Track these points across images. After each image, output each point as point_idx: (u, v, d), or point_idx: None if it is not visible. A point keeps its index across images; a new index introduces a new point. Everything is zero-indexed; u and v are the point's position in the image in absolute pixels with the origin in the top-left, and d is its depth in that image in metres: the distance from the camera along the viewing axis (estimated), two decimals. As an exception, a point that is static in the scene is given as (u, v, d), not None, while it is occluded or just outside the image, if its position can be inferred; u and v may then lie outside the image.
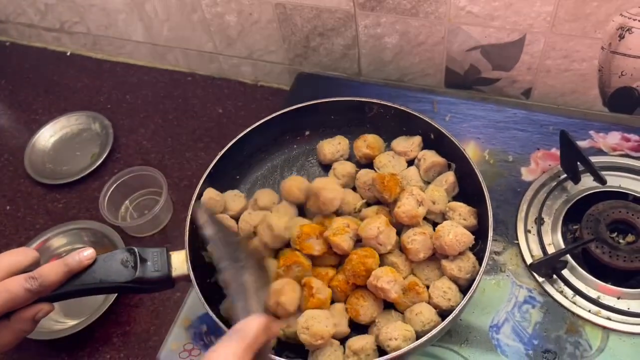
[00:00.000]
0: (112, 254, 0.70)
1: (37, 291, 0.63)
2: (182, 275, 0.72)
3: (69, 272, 0.66)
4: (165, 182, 1.02)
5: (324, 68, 1.13)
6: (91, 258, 0.67)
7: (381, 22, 0.99)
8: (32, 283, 0.62)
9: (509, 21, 0.91)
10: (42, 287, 0.63)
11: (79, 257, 0.66)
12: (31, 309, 0.64)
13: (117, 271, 0.68)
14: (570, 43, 0.91)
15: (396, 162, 0.83)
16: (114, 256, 0.69)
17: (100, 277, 0.67)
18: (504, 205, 0.87)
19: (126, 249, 0.70)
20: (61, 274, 0.65)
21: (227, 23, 1.11)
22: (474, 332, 0.77)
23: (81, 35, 1.29)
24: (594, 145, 0.92)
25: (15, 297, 0.62)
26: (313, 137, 0.89)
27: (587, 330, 0.76)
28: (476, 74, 1.02)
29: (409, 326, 0.70)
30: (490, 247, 0.70)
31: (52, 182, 1.11)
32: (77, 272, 0.66)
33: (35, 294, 0.63)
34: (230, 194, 0.85)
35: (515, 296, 0.79)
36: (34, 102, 1.27)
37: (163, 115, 1.20)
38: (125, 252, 0.70)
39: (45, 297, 0.65)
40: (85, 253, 0.67)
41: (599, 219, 0.81)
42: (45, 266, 0.65)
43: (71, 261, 0.66)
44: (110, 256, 0.69)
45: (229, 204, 0.84)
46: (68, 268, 0.65)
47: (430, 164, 0.81)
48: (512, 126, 0.95)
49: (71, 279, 0.66)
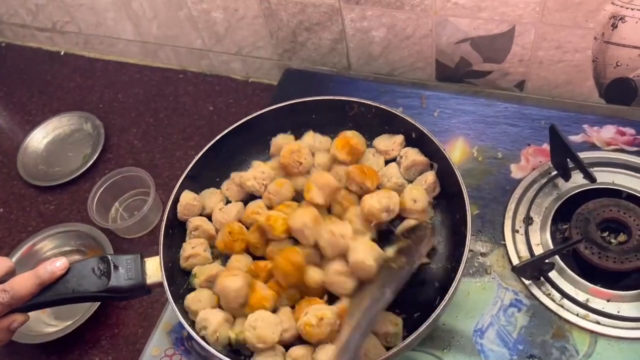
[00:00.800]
0: (85, 262, 0.69)
1: (8, 304, 0.63)
2: (156, 282, 0.71)
3: (41, 283, 0.65)
4: (153, 182, 1.01)
5: (313, 63, 1.11)
6: (63, 269, 0.67)
7: (367, 16, 0.96)
8: (3, 296, 0.63)
9: (497, 12, 0.87)
10: (13, 299, 0.63)
11: (50, 267, 0.66)
12: (5, 319, 0.65)
13: (89, 280, 0.68)
14: (562, 33, 0.87)
15: (376, 160, 0.81)
16: (87, 265, 0.69)
17: (73, 287, 0.67)
18: (491, 205, 0.84)
19: (99, 257, 0.70)
20: (33, 286, 0.65)
21: (214, 19, 1.09)
22: (457, 336, 0.75)
23: (73, 34, 1.28)
24: (588, 140, 0.88)
25: None
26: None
27: (575, 334, 0.73)
28: (467, 67, 0.99)
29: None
30: (467, 252, 0.67)
31: (44, 184, 1.12)
32: (50, 282, 0.66)
33: (7, 307, 0.63)
34: (207, 192, 0.84)
35: (500, 299, 0.77)
36: (28, 103, 1.27)
37: (154, 114, 1.19)
38: (98, 260, 0.69)
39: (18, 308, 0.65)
40: (57, 264, 0.67)
41: (588, 218, 0.78)
42: (16, 278, 0.65)
43: (43, 272, 0.66)
44: (83, 265, 0.69)
45: (206, 202, 0.83)
46: (40, 280, 0.65)
47: (412, 162, 0.79)
48: (502, 121, 0.92)
49: (44, 289, 0.66)
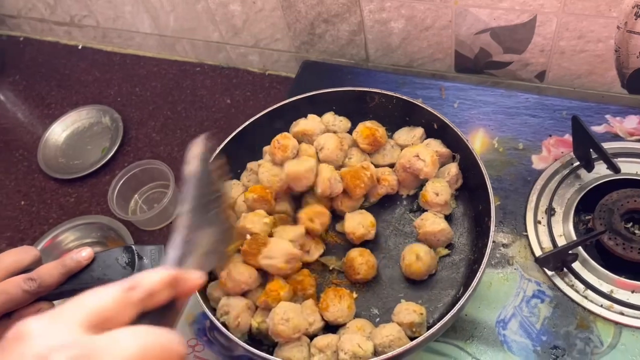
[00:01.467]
0: (110, 252, 0.70)
1: (35, 292, 0.64)
2: None
3: (67, 272, 0.66)
4: (172, 175, 1.01)
5: (331, 55, 1.10)
6: (89, 258, 0.67)
7: (386, 7, 0.95)
8: (30, 285, 0.63)
9: (519, 2, 0.86)
10: (40, 288, 0.64)
11: (76, 257, 0.67)
12: (31, 308, 0.65)
13: (114, 270, 0.68)
14: (584, 23, 0.86)
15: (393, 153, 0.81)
16: (111, 255, 0.69)
17: (97, 276, 0.67)
18: (513, 196, 0.84)
19: (124, 247, 0.70)
20: (59, 275, 0.65)
21: (232, 12, 1.09)
22: (480, 327, 0.75)
23: (91, 28, 1.29)
24: (610, 130, 0.87)
25: (13, 299, 0.63)
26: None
27: (599, 325, 0.73)
28: (487, 58, 0.98)
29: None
30: (490, 243, 0.67)
31: (65, 176, 1.13)
32: (76, 272, 0.67)
33: (34, 295, 0.64)
34: (228, 184, 0.84)
35: (523, 290, 0.77)
36: (47, 97, 1.28)
37: (172, 107, 1.19)
38: (122, 250, 0.70)
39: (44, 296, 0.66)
40: (83, 253, 0.67)
41: (612, 209, 0.77)
42: (43, 267, 0.65)
43: (69, 262, 0.66)
44: (107, 255, 0.69)
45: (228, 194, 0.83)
46: (66, 269, 0.66)
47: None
48: (523, 112, 0.92)
49: (70, 278, 0.67)
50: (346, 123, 0.85)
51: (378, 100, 0.83)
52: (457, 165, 0.78)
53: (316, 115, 0.84)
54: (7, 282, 0.62)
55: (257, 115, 0.84)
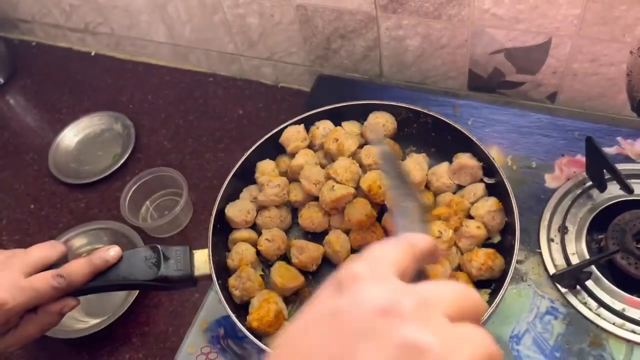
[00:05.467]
0: (136, 251, 0.70)
1: (63, 289, 0.64)
2: (204, 274, 0.72)
3: (95, 271, 0.67)
4: (185, 183, 1.02)
5: (344, 70, 1.12)
6: (117, 257, 0.68)
7: (403, 25, 0.97)
8: (60, 282, 0.64)
9: (535, 24, 0.89)
10: (68, 286, 0.65)
11: (104, 255, 0.67)
12: (58, 303, 0.66)
13: (140, 269, 0.69)
14: (598, 47, 0.88)
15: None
16: (138, 254, 0.70)
17: (123, 274, 0.68)
18: (526, 213, 0.85)
19: (150, 246, 0.71)
20: (87, 273, 0.66)
21: (249, 25, 1.10)
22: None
23: (105, 35, 1.30)
24: (621, 152, 0.89)
25: (42, 295, 0.63)
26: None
27: (611, 343, 0.74)
28: (500, 77, 1.00)
29: None
30: (515, 259, 0.68)
31: (75, 181, 1.13)
32: (103, 270, 0.67)
33: (61, 292, 0.65)
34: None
35: (537, 306, 0.78)
36: (58, 102, 1.29)
37: (184, 115, 1.20)
38: (149, 249, 0.70)
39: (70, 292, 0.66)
40: (111, 252, 0.68)
41: (625, 229, 0.79)
42: (72, 264, 0.66)
43: (97, 260, 0.67)
44: (134, 254, 0.70)
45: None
46: (94, 267, 0.67)
47: (457, 165, 0.80)
48: (536, 131, 0.93)
49: (96, 275, 0.67)
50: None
51: (405, 115, 0.84)
52: (484, 186, 0.79)
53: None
54: (36, 278, 0.63)
55: (290, 120, 0.87)
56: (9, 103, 1.32)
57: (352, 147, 0.82)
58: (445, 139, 0.83)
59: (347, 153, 0.82)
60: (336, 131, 0.83)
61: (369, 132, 0.81)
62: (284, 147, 0.87)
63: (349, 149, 0.81)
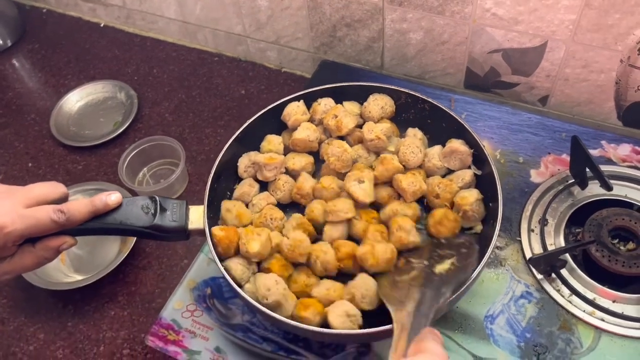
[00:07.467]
0: (135, 199, 0.73)
1: (62, 224, 0.66)
2: (197, 229, 0.75)
3: (94, 212, 0.69)
4: (184, 153, 1.05)
5: (347, 59, 1.16)
6: (117, 202, 0.71)
7: (407, 18, 1.01)
8: (59, 216, 0.66)
9: (533, 26, 0.93)
10: (68, 221, 0.67)
11: (105, 199, 0.70)
12: (57, 239, 0.68)
13: (137, 216, 0.71)
14: (590, 53, 0.93)
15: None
16: (136, 201, 0.72)
17: (120, 219, 0.70)
18: (510, 204, 0.89)
19: (148, 196, 0.73)
20: (87, 213, 0.68)
21: (259, 7, 1.14)
22: (469, 320, 0.79)
23: (116, 8, 1.33)
24: (604, 155, 0.93)
25: (40, 225, 0.65)
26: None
27: (580, 328, 0.77)
28: (496, 77, 1.04)
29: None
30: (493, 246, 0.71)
31: (74, 144, 1.15)
32: (102, 213, 0.70)
33: (60, 226, 0.66)
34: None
35: (512, 290, 0.81)
36: (64, 68, 1.31)
37: (187, 91, 1.23)
38: (147, 199, 0.73)
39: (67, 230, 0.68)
40: (112, 197, 0.70)
41: (601, 223, 0.83)
42: (73, 202, 0.68)
43: (98, 202, 0.69)
44: (132, 201, 0.72)
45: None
46: (94, 209, 0.69)
47: (449, 149, 0.83)
48: (525, 129, 0.97)
49: (95, 217, 0.70)
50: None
51: (404, 100, 0.88)
52: (472, 174, 0.82)
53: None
54: (38, 208, 0.65)
55: (295, 93, 0.90)
56: (15, 65, 1.34)
57: (350, 124, 0.85)
58: (441, 126, 0.87)
59: (345, 130, 0.85)
60: (336, 108, 0.87)
61: None
62: (286, 124, 0.90)
63: (346, 126, 0.85)
